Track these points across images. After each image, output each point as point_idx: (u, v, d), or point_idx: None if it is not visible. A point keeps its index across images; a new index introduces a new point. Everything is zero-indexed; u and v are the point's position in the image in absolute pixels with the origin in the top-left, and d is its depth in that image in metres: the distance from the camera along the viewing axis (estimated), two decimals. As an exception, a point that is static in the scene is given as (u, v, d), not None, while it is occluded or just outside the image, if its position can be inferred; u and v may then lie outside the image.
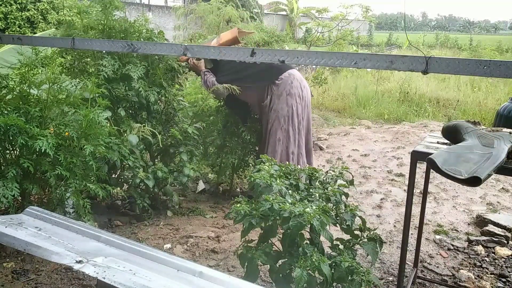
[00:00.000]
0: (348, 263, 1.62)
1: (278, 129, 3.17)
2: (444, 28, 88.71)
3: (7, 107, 2.13)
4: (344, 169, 2.03)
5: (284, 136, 3.18)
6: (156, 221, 2.99)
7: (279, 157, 3.17)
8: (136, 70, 2.71)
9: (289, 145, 3.19)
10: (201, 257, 2.54)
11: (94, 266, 1.09)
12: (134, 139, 2.67)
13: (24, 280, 2.15)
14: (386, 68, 1.25)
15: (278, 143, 3.18)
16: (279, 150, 3.18)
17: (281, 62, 1.38)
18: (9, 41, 2.49)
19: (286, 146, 3.19)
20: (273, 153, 3.16)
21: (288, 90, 3.16)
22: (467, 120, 1.73)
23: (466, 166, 1.39)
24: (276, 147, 3.18)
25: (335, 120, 7.10)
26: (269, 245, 1.75)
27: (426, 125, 6.51)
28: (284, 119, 3.16)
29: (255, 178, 1.77)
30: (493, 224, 3.08)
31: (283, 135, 3.17)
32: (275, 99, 3.17)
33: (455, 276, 2.50)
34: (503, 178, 4.11)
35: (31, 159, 2.12)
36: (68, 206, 2.33)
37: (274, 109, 3.17)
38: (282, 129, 3.17)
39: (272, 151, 3.17)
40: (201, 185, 3.70)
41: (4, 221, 1.34)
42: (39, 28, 8.94)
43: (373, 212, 3.37)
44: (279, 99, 3.16)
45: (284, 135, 3.18)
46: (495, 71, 1.12)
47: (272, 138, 3.19)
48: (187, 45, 1.51)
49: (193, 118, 3.37)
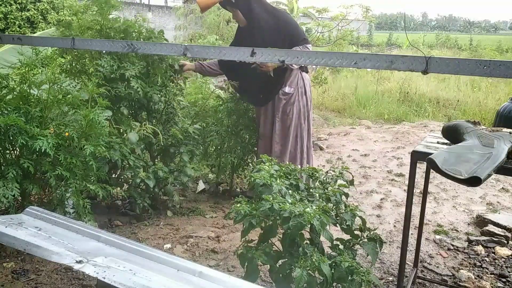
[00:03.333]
0: (348, 263, 1.62)
1: (299, 126, 3.22)
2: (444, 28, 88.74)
3: (7, 107, 2.13)
4: (344, 169, 2.03)
5: (305, 132, 3.25)
6: (156, 221, 2.99)
7: (300, 154, 3.24)
8: (133, 68, 2.71)
9: (307, 141, 3.29)
10: (201, 257, 2.54)
11: (94, 266, 1.09)
12: (134, 137, 2.67)
13: (24, 280, 2.15)
14: (386, 68, 1.25)
15: (299, 139, 3.24)
16: (299, 148, 3.24)
17: (281, 62, 1.38)
18: (9, 41, 2.48)
19: (303, 143, 3.26)
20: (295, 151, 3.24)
21: (309, 84, 3.28)
22: (467, 120, 1.73)
23: (466, 166, 1.39)
24: (297, 144, 3.25)
25: (335, 120, 7.10)
26: (269, 245, 1.75)
27: (426, 125, 6.51)
28: (305, 115, 3.22)
29: (255, 178, 1.77)
30: (493, 224, 3.08)
31: (305, 131, 3.25)
32: (304, 91, 3.21)
33: (455, 276, 2.50)
34: (503, 178, 4.11)
35: (31, 159, 2.13)
36: (68, 206, 2.33)
37: (297, 102, 3.20)
38: (303, 125, 3.23)
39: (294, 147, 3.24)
40: (201, 185, 3.70)
41: (4, 221, 1.34)
42: (39, 28, 8.94)
43: (373, 212, 3.37)
44: (308, 84, 3.23)
45: (306, 132, 3.25)
46: (495, 71, 1.12)
47: (293, 135, 3.23)
48: (187, 45, 1.50)
49: (193, 118, 3.38)
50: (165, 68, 2.99)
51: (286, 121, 3.18)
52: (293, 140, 3.22)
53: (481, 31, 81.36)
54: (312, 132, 3.36)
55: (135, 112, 3.04)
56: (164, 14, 16.07)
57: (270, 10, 3.12)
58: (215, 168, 3.66)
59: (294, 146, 3.24)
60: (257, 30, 3.05)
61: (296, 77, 3.17)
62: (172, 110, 3.20)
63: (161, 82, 2.96)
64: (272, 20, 3.06)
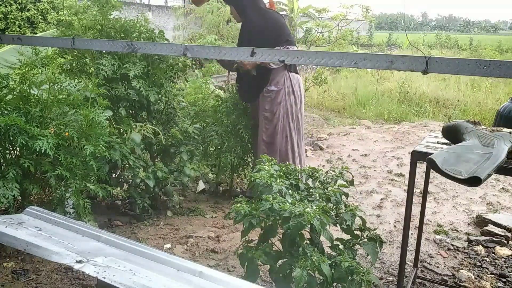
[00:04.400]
0: (348, 263, 1.62)
1: (287, 125, 3.21)
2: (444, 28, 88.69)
3: (7, 107, 2.13)
4: (344, 169, 2.03)
5: (295, 131, 3.24)
6: (156, 221, 2.99)
7: (291, 153, 3.23)
8: (135, 68, 2.71)
9: (298, 139, 3.27)
10: (201, 257, 2.54)
11: (94, 266, 1.09)
12: (137, 137, 2.67)
13: (24, 280, 2.15)
14: (386, 68, 1.25)
15: (289, 138, 3.23)
16: (289, 147, 3.23)
17: (281, 62, 1.38)
18: (9, 41, 2.48)
19: (293, 142, 3.25)
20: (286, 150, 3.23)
21: (300, 84, 3.29)
22: (467, 120, 1.73)
23: (466, 166, 1.39)
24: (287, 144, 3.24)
25: (335, 120, 7.10)
26: (269, 245, 1.75)
27: (426, 125, 6.51)
28: (293, 115, 3.21)
29: (255, 178, 1.77)
30: (493, 224, 3.08)
31: (294, 130, 3.24)
32: (291, 91, 3.20)
33: (455, 276, 2.50)
34: (503, 178, 4.11)
35: (31, 159, 2.12)
36: (68, 206, 2.33)
37: (284, 101, 3.19)
38: (292, 125, 3.22)
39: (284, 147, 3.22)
40: (201, 185, 3.70)
41: (4, 221, 1.34)
42: (39, 28, 8.94)
43: (373, 212, 3.37)
44: (296, 84, 3.22)
45: (295, 131, 3.24)
46: (495, 71, 1.12)
47: (280, 133, 3.22)
48: (187, 45, 1.51)
49: (193, 118, 3.37)
50: (165, 68, 2.99)
51: (272, 120, 3.21)
52: (281, 139, 3.22)
53: (481, 31, 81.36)
54: (303, 132, 3.34)
55: (135, 112, 3.05)
56: (164, 14, 16.07)
57: (261, 9, 3.21)
58: (215, 168, 3.66)
59: (284, 146, 3.24)
60: (247, 28, 3.17)
61: (282, 77, 3.19)
62: (172, 110, 3.20)
63: (161, 83, 2.97)
64: (262, 18, 3.15)
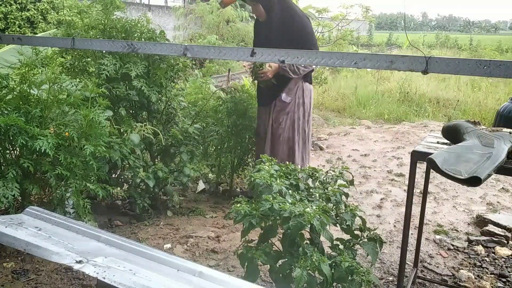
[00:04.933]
0: (348, 263, 1.62)
1: (291, 136, 3.16)
2: (444, 28, 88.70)
3: (7, 107, 2.13)
4: (344, 169, 2.03)
5: (298, 144, 3.20)
6: (156, 221, 2.99)
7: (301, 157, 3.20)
8: (136, 68, 2.71)
9: (303, 151, 3.23)
10: (201, 257, 2.54)
11: (94, 266, 1.09)
12: (136, 137, 2.67)
13: (24, 280, 2.15)
14: (386, 68, 1.25)
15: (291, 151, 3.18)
16: (291, 159, 3.17)
17: (281, 62, 1.38)
18: (9, 41, 2.49)
19: (295, 155, 3.20)
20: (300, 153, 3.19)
21: (311, 96, 3.24)
22: (467, 120, 1.73)
23: (466, 166, 1.39)
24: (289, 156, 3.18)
25: (335, 120, 7.10)
26: (269, 245, 1.75)
27: (426, 125, 6.51)
28: (299, 128, 3.17)
29: (255, 178, 1.77)
30: (493, 224, 3.08)
31: (297, 143, 3.19)
32: (302, 102, 3.16)
33: (455, 276, 2.50)
34: (503, 178, 4.11)
35: (31, 159, 2.12)
36: (68, 206, 2.33)
37: (292, 112, 3.14)
38: (296, 137, 3.17)
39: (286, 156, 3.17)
40: (201, 185, 3.70)
41: (4, 221, 1.34)
42: (39, 28, 8.94)
43: (373, 212, 3.37)
44: (308, 95, 3.18)
45: (299, 143, 3.20)
46: (495, 71, 1.12)
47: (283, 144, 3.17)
48: (187, 45, 1.51)
49: (193, 118, 3.37)
50: (165, 68, 2.99)
51: (277, 129, 3.14)
52: (284, 150, 3.18)
53: (481, 31, 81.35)
54: (309, 144, 3.31)
55: (135, 112, 3.05)
56: (164, 14, 16.07)
57: (291, 8, 3.07)
58: (215, 168, 3.66)
59: (287, 155, 3.19)
60: (270, 25, 3.04)
61: (296, 86, 3.11)
62: (172, 110, 3.20)
63: (161, 82, 2.97)
64: (290, 20, 3.02)
